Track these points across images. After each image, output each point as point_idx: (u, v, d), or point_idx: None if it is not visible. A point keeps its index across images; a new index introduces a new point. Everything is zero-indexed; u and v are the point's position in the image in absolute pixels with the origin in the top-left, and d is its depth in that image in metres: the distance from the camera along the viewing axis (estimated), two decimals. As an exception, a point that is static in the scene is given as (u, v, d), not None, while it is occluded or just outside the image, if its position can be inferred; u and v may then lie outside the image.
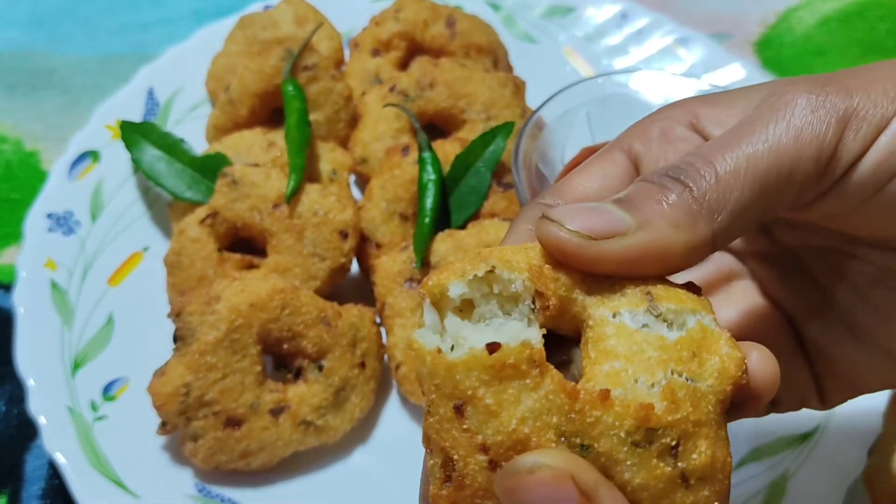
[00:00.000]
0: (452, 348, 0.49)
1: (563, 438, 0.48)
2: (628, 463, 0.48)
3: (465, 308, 0.52)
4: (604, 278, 0.53)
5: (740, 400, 0.52)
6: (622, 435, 0.47)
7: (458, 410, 0.48)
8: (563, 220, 0.52)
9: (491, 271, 0.51)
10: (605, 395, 0.48)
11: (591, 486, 0.47)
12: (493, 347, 0.47)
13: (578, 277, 0.52)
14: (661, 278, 0.54)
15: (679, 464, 0.48)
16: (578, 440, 0.48)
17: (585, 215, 0.52)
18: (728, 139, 0.55)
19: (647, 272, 0.53)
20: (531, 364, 0.48)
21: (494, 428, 0.48)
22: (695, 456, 0.49)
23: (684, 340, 0.49)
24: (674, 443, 0.48)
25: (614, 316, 0.51)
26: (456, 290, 0.50)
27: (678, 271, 0.54)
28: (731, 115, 0.59)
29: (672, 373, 0.49)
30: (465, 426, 0.48)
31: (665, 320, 0.51)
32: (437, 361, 0.48)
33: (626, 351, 0.49)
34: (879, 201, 0.56)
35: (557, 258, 0.52)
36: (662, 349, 0.49)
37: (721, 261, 0.72)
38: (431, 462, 0.50)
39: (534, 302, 0.51)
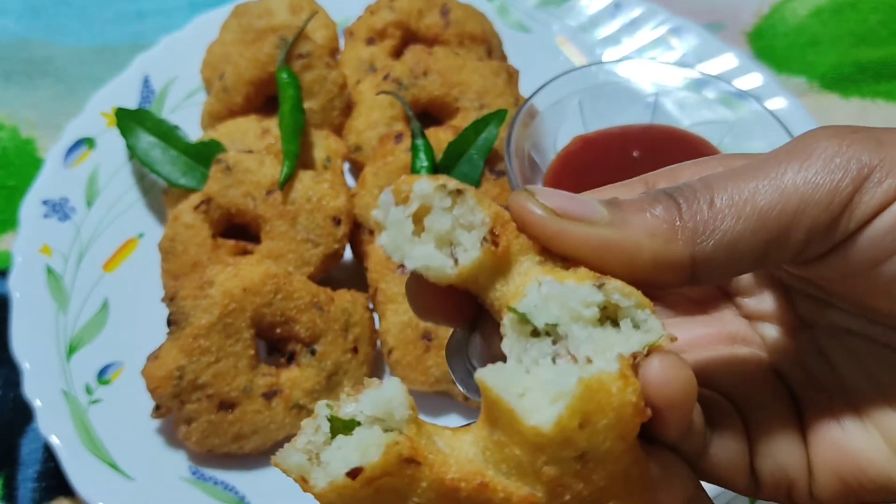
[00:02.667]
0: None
1: None
2: None
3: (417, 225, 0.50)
4: (561, 258, 0.51)
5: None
6: None
7: None
8: (536, 194, 0.51)
9: (461, 192, 0.50)
10: (482, 486, 0.46)
11: None
12: (354, 473, 0.45)
13: (537, 249, 0.51)
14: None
15: None
16: None
17: (563, 198, 0.51)
18: (735, 172, 0.52)
19: (610, 269, 0.50)
20: (403, 464, 0.46)
21: None
22: None
23: (563, 420, 0.44)
24: None
25: (555, 284, 0.49)
26: (422, 186, 0.49)
27: (647, 284, 0.51)
28: None
29: (551, 460, 0.46)
30: None
31: (607, 298, 0.49)
32: (306, 489, 0.47)
33: (507, 424, 0.46)
34: None
35: (520, 228, 0.51)
36: (537, 445, 0.45)
37: (734, 324, 0.66)
38: None
39: (486, 238, 0.49)
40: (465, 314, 0.56)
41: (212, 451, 0.98)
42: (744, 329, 0.65)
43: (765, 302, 0.65)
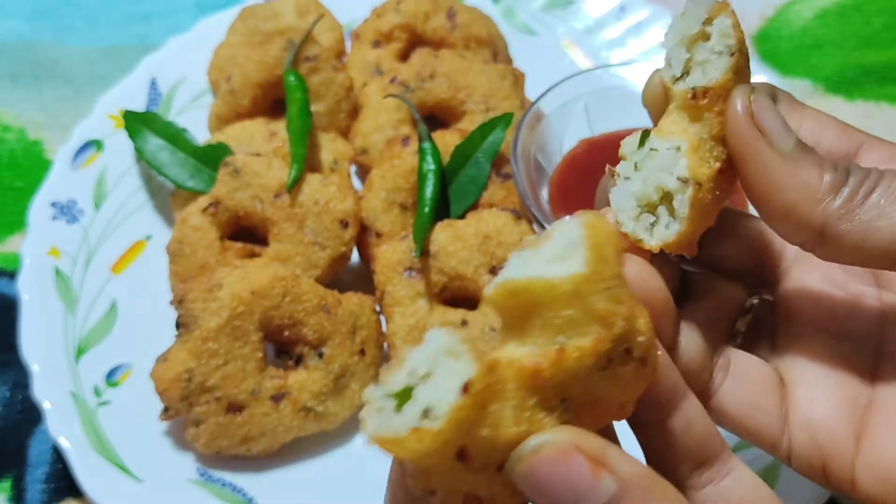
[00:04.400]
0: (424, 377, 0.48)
1: (547, 410, 0.50)
2: (603, 386, 0.52)
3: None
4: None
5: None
6: (585, 371, 0.50)
7: (461, 457, 0.49)
8: (758, 90, 0.58)
9: (734, 54, 0.60)
10: (560, 353, 0.50)
11: (598, 450, 0.48)
12: (466, 387, 0.47)
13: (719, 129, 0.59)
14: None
15: (634, 354, 0.52)
16: (558, 401, 0.51)
17: (769, 110, 0.57)
18: None
19: (751, 186, 0.58)
20: (490, 373, 0.48)
21: (501, 450, 0.49)
22: (640, 339, 0.52)
23: (590, 257, 0.50)
24: (623, 348, 0.52)
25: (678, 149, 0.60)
26: (725, 22, 0.60)
27: (772, 223, 0.58)
28: None
29: (595, 297, 0.50)
30: (474, 466, 0.49)
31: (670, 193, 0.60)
32: (422, 435, 0.47)
33: (545, 300, 0.51)
34: None
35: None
36: (579, 292, 0.50)
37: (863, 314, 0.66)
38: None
39: (696, 88, 0.59)
40: None
41: (220, 453, 0.99)
42: (868, 322, 0.65)
43: None
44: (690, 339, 0.62)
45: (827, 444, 0.61)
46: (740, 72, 0.60)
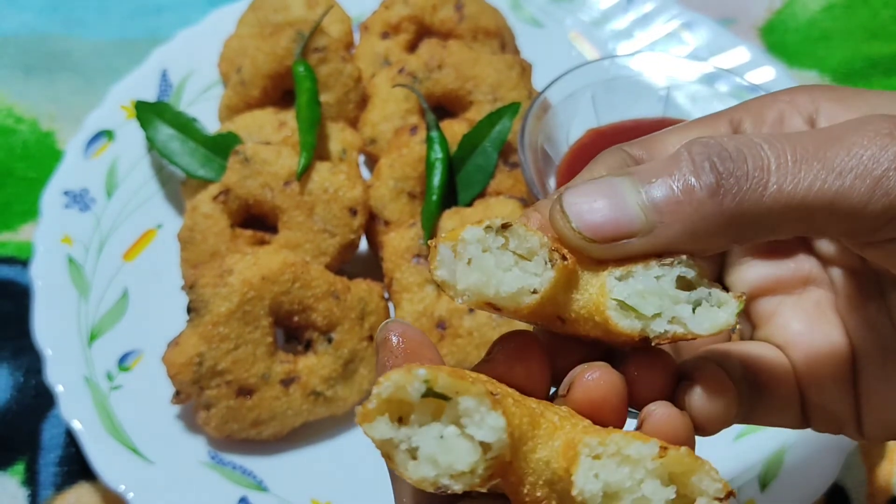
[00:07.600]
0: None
1: None
2: None
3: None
4: None
5: None
6: None
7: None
8: (570, 215, 0.52)
9: (508, 225, 0.50)
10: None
11: None
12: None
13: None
14: None
15: None
16: None
17: (595, 210, 0.52)
18: (803, 150, 0.51)
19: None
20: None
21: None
22: None
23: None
24: None
25: (622, 279, 0.52)
26: (471, 233, 0.50)
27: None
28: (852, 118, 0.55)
29: None
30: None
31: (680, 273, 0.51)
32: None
33: None
34: None
35: (569, 249, 0.53)
36: None
37: (804, 264, 0.69)
38: None
39: (551, 258, 0.51)
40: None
41: (230, 437, 1.00)
42: (816, 270, 0.68)
43: (837, 246, 0.67)
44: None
45: (840, 418, 0.66)
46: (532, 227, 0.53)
